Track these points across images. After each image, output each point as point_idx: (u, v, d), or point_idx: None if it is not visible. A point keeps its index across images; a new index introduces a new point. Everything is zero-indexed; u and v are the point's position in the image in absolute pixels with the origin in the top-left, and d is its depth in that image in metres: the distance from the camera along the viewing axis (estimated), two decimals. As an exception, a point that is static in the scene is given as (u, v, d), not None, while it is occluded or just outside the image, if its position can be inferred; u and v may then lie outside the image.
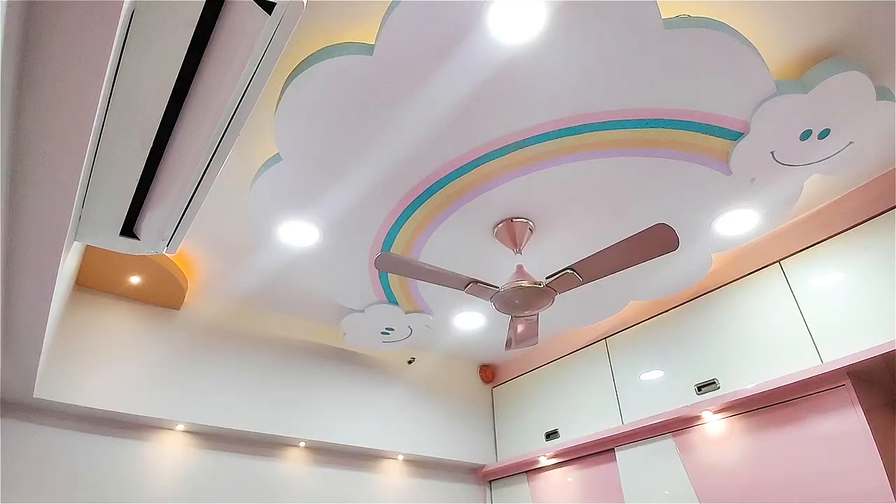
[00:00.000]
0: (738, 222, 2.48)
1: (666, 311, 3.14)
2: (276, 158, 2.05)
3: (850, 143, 2.03)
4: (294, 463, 3.24)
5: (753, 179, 2.21)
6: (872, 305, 2.30)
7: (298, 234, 2.44)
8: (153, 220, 1.48)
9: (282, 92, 1.78)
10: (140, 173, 1.30)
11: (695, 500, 2.70)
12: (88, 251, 2.53)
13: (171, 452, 2.88)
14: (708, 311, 2.93)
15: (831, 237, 2.53)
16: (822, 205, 2.60)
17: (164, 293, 2.90)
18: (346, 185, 2.17)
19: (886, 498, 2.08)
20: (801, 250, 2.62)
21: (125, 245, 1.59)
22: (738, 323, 2.77)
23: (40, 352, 2.02)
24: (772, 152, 2.06)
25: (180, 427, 2.90)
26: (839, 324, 2.38)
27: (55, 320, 2.23)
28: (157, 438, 2.86)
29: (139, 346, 2.85)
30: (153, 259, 2.64)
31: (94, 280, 2.74)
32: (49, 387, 2.49)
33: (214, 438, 3.02)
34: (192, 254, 2.78)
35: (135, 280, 2.77)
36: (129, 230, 1.55)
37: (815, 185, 2.44)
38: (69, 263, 1.94)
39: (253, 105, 1.16)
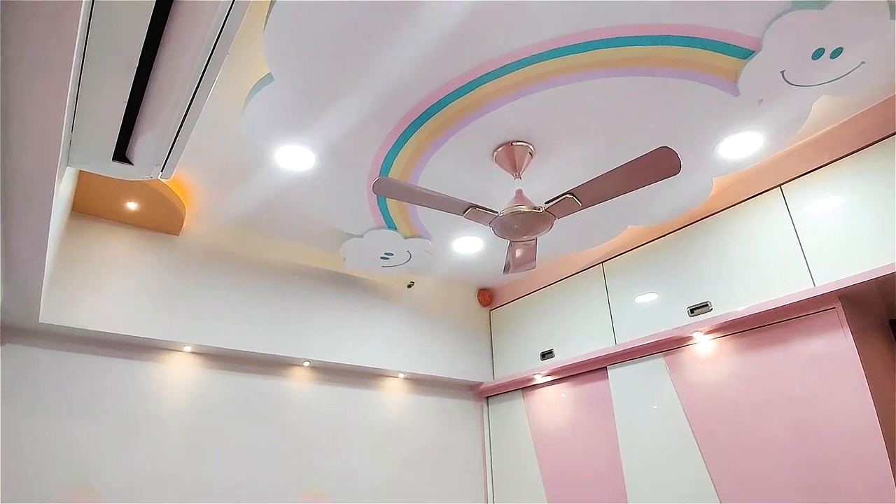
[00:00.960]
0: (742, 145, 2.44)
1: (663, 236, 3.16)
2: (268, 78, 1.98)
3: (862, 62, 1.96)
4: (299, 382, 3.38)
5: (761, 101, 2.15)
6: (868, 231, 2.31)
7: (295, 158, 2.40)
8: (145, 144, 1.45)
9: (270, 6, 1.69)
10: (127, 96, 1.26)
11: (682, 414, 2.84)
12: (84, 177, 2.50)
13: (180, 372, 2.99)
14: (705, 235, 2.94)
15: (834, 161, 2.50)
16: (827, 128, 2.55)
17: (163, 218, 2.89)
18: (341, 107, 2.11)
19: (869, 416, 2.18)
20: (802, 174, 2.59)
21: (119, 170, 1.56)
22: (734, 247, 2.79)
23: (42, 277, 2.04)
24: (782, 72, 1.99)
25: (187, 349, 3.00)
26: (834, 249, 2.40)
27: (55, 246, 2.25)
28: (165, 359, 2.96)
29: (142, 271, 2.88)
30: (149, 185, 2.61)
31: (92, 206, 2.73)
32: (54, 311, 2.55)
33: (221, 359, 3.13)
34: (188, 179, 2.75)
35: (132, 206, 2.75)
36: (122, 155, 1.52)
37: (820, 110, 2.38)
38: (64, 188, 1.92)
39: (240, 20, 1.11)
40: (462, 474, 3.85)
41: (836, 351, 2.35)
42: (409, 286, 3.91)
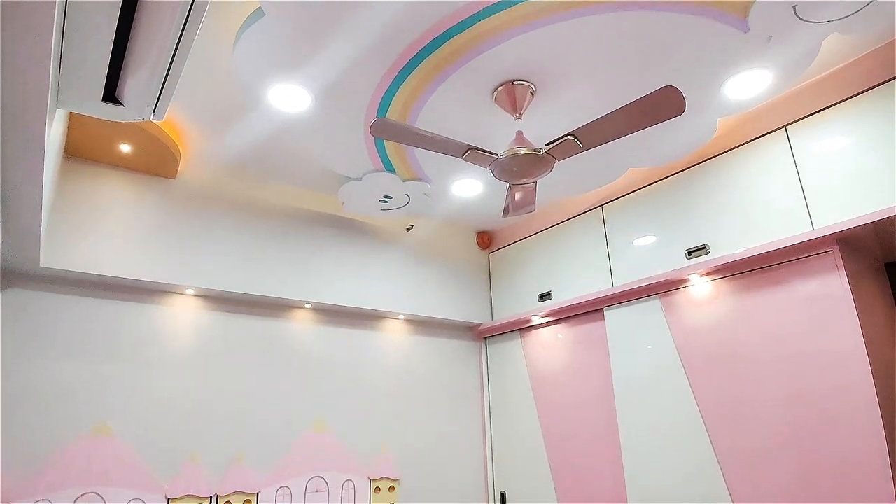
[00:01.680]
0: (749, 84, 2.38)
1: (664, 178, 3.13)
2: (259, 13, 1.90)
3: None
4: (301, 323, 3.44)
5: (770, 38, 2.08)
6: (871, 173, 2.29)
7: (289, 98, 2.34)
8: (135, 85, 1.42)
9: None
10: (113, 34, 1.21)
11: (675, 352, 2.91)
12: (76, 120, 2.45)
13: (183, 314, 3.04)
14: (706, 177, 2.92)
15: (840, 102, 2.44)
16: (835, 68, 2.47)
17: (157, 162, 2.85)
18: (335, 44, 2.04)
19: (860, 355, 2.23)
20: (808, 115, 2.54)
21: (109, 111, 1.53)
22: (735, 189, 2.77)
23: (40, 221, 2.04)
24: (794, 7, 1.91)
25: (190, 291, 3.03)
26: (836, 192, 2.39)
27: (51, 190, 2.23)
28: (169, 302, 3.00)
29: (140, 214, 2.87)
30: (142, 127, 2.56)
31: (85, 149, 2.69)
32: (54, 256, 2.56)
33: (224, 301, 3.17)
34: (182, 122, 2.69)
35: (125, 148, 2.71)
36: (112, 96, 1.49)
37: (827, 50, 2.30)
38: (56, 131, 1.88)
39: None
40: (461, 412, 3.98)
41: (830, 293, 2.38)
42: (409, 229, 3.91)
